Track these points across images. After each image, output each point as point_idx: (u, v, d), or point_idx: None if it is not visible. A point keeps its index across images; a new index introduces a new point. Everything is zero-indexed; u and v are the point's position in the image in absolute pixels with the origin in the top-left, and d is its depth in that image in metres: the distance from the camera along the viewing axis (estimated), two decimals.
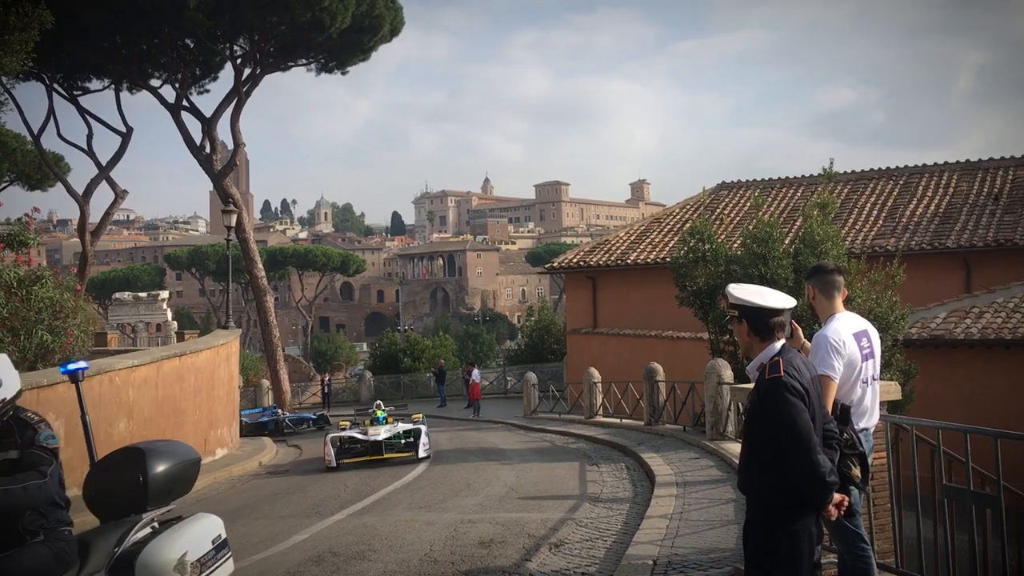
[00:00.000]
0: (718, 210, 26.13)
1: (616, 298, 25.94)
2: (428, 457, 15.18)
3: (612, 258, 26.11)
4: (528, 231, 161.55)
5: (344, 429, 16.25)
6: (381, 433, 15.59)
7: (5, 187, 34.72)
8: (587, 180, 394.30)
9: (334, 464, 14.87)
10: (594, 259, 26.62)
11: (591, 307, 26.87)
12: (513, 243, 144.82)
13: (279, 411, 27.50)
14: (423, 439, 15.49)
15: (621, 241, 27.20)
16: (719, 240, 16.88)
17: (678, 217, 27.32)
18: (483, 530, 8.47)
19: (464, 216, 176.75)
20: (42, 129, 32.07)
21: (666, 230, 26.62)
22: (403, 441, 15.79)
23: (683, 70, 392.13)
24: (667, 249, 24.15)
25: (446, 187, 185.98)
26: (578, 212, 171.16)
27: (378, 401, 19.63)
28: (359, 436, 15.57)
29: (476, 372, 30.56)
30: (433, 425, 22.61)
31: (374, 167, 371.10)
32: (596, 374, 20.19)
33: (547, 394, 24.58)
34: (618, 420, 18.56)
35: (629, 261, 25.44)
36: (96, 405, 12.65)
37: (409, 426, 16.02)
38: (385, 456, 15.21)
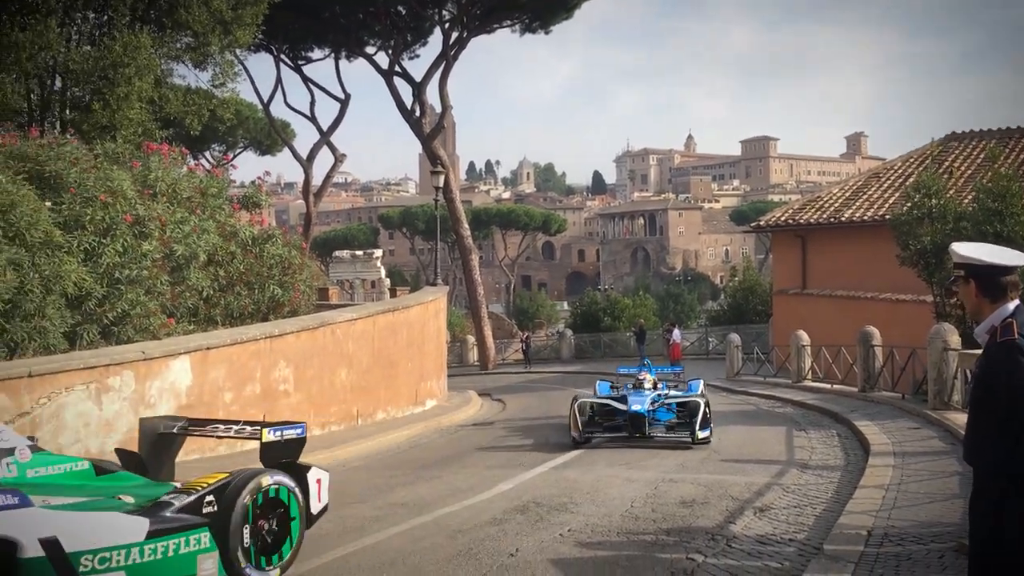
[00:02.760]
0: (947, 163, 24.08)
1: (828, 258, 24.66)
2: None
3: (824, 216, 24.79)
4: (733, 189, 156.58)
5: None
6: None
7: (240, 152, 37.88)
8: (797, 134, 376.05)
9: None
10: (804, 217, 25.40)
11: (800, 267, 25.74)
12: (717, 201, 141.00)
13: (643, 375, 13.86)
14: None
15: (835, 198, 25.74)
16: (948, 195, 15.67)
17: (900, 171, 25.45)
18: (684, 490, 8.42)
19: (666, 174, 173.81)
20: (271, 98, 34.81)
21: (886, 185, 24.88)
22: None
23: (903, 14, 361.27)
24: (887, 206, 22.60)
25: (647, 145, 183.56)
26: (787, 168, 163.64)
27: None
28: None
29: (677, 332, 30.13)
30: None
31: (575, 127, 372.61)
32: (805, 337, 19.41)
33: (751, 356, 23.94)
34: (828, 385, 17.79)
35: (843, 219, 24.04)
36: (321, 354, 13.69)
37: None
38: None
